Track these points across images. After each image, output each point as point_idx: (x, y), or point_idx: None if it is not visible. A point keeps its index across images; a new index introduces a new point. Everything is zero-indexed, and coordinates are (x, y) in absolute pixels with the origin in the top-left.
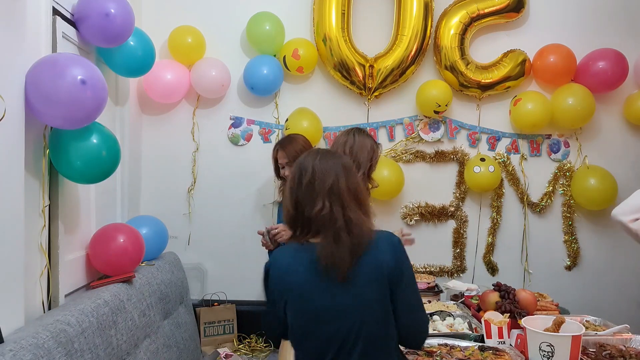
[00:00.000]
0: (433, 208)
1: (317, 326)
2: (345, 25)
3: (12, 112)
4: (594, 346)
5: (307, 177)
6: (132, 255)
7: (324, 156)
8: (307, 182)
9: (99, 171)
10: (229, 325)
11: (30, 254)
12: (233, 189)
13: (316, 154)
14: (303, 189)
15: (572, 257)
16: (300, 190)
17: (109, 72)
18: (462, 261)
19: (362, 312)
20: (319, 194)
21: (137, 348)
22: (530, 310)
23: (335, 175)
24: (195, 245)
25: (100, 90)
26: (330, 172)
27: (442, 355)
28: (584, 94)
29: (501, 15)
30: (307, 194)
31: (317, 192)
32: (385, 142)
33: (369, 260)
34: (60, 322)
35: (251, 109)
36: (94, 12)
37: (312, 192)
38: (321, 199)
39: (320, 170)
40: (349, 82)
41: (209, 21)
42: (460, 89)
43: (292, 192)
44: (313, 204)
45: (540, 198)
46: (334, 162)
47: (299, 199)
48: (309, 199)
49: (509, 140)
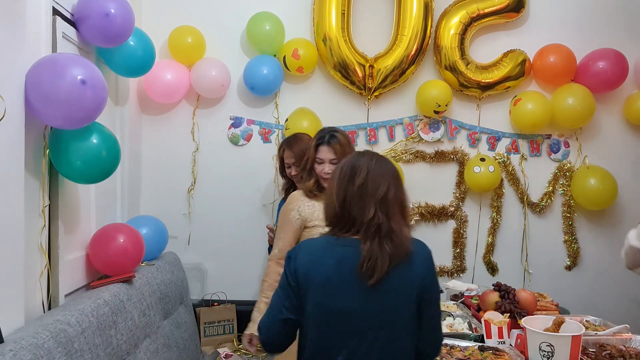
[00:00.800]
0: (433, 208)
1: (338, 322)
2: (345, 25)
3: (12, 112)
4: (594, 346)
5: (361, 179)
6: (132, 255)
7: (379, 160)
8: (360, 184)
9: (99, 171)
10: (229, 325)
11: (30, 254)
12: (233, 189)
13: (372, 156)
14: (355, 190)
15: (572, 257)
16: (351, 190)
17: (109, 72)
18: (462, 261)
19: (385, 320)
20: (371, 199)
21: (137, 348)
22: (530, 310)
23: (388, 183)
24: (195, 245)
25: (100, 90)
26: (384, 178)
27: (442, 355)
28: (584, 94)
29: (501, 15)
30: (358, 196)
31: (369, 197)
32: (385, 142)
33: (402, 271)
34: (60, 322)
35: (251, 109)
36: (94, 12)
37: (364, 195)
38: (372, 205)
39: (375, 175)
40: (349, 82)
41: (209, 21)
42: (460, 89)
43: (341, 190)
44: (363, 208)
45: (540, 198)
46: (388, 168)
47: (347, 199)
48: (359, 202)
49: (509, 140)
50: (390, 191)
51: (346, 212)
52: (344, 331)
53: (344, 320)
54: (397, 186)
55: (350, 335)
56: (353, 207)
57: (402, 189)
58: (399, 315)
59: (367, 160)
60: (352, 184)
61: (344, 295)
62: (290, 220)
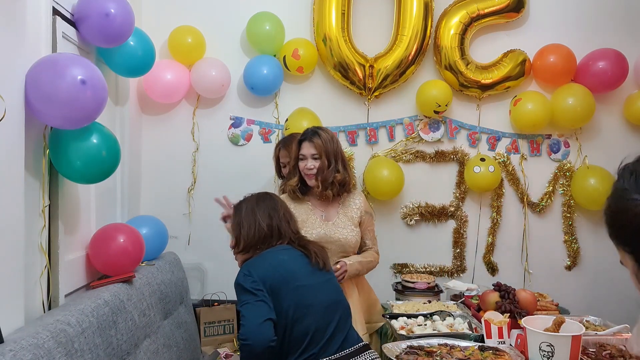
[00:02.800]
0: (433, 208)
1: (315, 297)
2: (345, 25)
3: (12, 112)
4: (594, 346)
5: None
6: (132, 255)
7: (260, 199)
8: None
9: (99, 171)
10: (229, 325)
11: (30, 254)
12: (233, 189)
13: (255, 199)
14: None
15: (572, 257)
16: (275, 216)
17: (109, 72)
18: (462, 261)
19: (336, 283)
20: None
21: (137, 348)
22: (530, 310)
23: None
24: (195, 245)
25: (100, 90)
26: (282, 204)
27: (442, 355)
28: (584, 94)
29: (501, 15)
30: (284, 219)
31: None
32: (385, 142)
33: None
34: (60, 322)
35: (251, 109)
36: (94, 12)
37: (284, 216)
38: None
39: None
40: (349, 82)
41: (209, 21)
42: (460, 89)
43: (264, 219)
44: (287, 225)
45: (540, 198)
46: (271, 201)
47: (273, 223)
48: (284, 221)
49: (509, 140)
50: (282, 212)
51: (275, 231)
52: (323, 300)
53: (319, 292)
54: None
55: (329, 303)
56: (282, 225)
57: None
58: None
59: (250, 205)
60: (273, 210)
61: (309, 276)
62: None
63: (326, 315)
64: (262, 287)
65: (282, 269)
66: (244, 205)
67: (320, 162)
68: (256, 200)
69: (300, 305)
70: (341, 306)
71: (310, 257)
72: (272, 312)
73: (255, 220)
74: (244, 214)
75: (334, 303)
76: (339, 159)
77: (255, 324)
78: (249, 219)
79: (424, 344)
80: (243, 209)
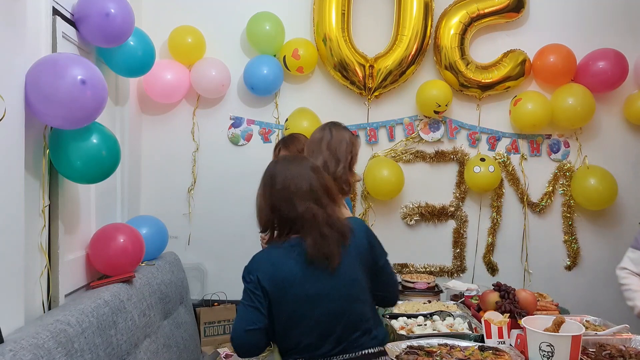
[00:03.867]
0: (433, 208)
1: (311, 311)
2: (345, 25)
3: (12, 112)
4: (594, 346)
5: (280, 183)
6: (132, 255)
7: (293, 162)
8: (281, 188)
9: (99, 171)
10: (229, 325)
11: (30, 254)
12: (233, 189)
13: (285, 160)
14: (279, 194)
15: (572, 257)
16: (276, 195)
17: (109, 72)
18: (462, 261)
19: (350, 292)
20: (296, 196)
21: (137, 348)
22: (530, 310)
23: (309, 178)
24: (195, 245)
25: (100, 90)
26: (302, 176)
27: (442, 355)
28: (584, 94)
29: (501, 15)
30: (285, 198)
31: (294, 195)
32: (385, 142)
33: (350, 247)
34: (60, 322)
35: (251, 109)
36: (94, 12)
37: (289, 195)
38: (301, 200)
39: (293, 176)
40: (349, 82)
41: (209, 21)
42: (460, 89)
43: (266, 198)
44: (292, 205)
45: (540, 198)
46: (303, 165)
47: (275, 203)
48: (286, 202)
49: (509, 140)
50: (313, 183)
51: (277, 215)
52: (321, 313)
53: (317, 303)
54: (318, 177)
55: (327, 315)
56: (282, 208)
57: (323, 176)
58: (358, 282)
59: (282, 165)
60: (273, 189)
61: (312, 284)
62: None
63: (323, 329)
64: (259, 291)
65: (282, 273)
66: (263, 175)
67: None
68: (271, 174)
69: (293, 316)
70: (345, 318)
71: (314, 259)
72: (262, 320)
73: (265, 203)
74: (259, 189)
75: (335, 316)
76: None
77: (241, 329)
78: (259, 200)
79: (424, 344)
80: (261, 182)
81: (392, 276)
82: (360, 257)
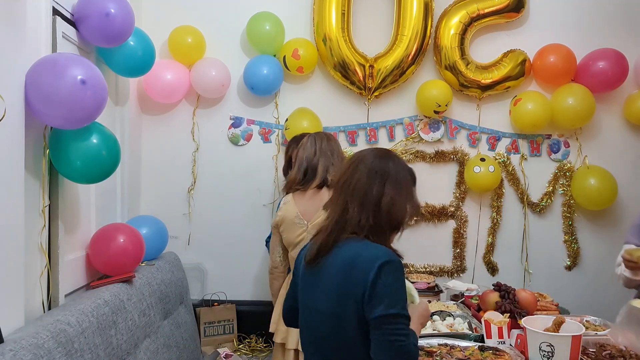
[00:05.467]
0: (433, 208)
1: (304, 318)
2: (345, 25)
3: (12, 112)
4: (594, 346)
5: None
6: (132, 255)
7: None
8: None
9: (99, 171)
10: (229, 325)
11: (30, 254)
12: (233, 189)
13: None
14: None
15: (572, 257)
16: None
17: (109, 72)
18: (462, 261)
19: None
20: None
21: (137, 348)
22: (530, 310)
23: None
24: (195, 245)
25: (100, 90)
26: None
27: (442, 355)
28: (584, 94)
29: (501, 15)
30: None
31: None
32: (385, 142)
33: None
34: (60, 322)
35: (251, 109)
36: (94, 12)
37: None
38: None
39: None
40: (349, 82)
41: (209, 21)
42: (460, 89)
43: (409, 195)
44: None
45: (540, 198)
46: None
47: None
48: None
49: (509, 140)
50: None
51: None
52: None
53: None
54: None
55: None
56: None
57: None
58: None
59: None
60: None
61: (303, 295)
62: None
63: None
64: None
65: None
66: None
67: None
68: (405, 167)
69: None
70: (320, 354)
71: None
72: (293, 299)
73: (408, 201)
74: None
75: (312, 344)
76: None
77: (284, 308)
78: (398, 202)
79: (424, 344)
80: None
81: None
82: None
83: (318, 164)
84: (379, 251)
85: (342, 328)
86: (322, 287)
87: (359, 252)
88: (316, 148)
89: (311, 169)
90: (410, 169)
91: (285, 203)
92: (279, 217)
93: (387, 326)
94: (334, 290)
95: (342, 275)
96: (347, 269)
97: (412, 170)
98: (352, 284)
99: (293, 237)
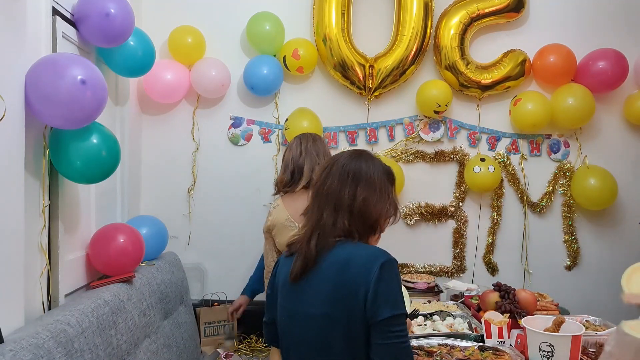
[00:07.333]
0: (433, 208)
1: (288, 328)
2: (345, 25)
3: (12, 112)
4: (594, 346)
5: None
6: (132, 255)
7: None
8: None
9: (99, 171)
10: (229, 325)
11: (30, 254)
12: (233, 189)
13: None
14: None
15: (572, 257)
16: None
17: (109, 72)
18: (462, 261)
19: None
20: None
21: (137, 348)
22: (530, 310)
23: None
24: (195, 245)
25: (100, 90)
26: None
27: (442, 355)
28: (584, 94)
29: (501, 15)
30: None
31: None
32: (385, 142)
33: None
34: (60, 322)
35: (251, 109)
36: (94, 12)
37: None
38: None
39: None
40: (349, 82)
41: (209, 21)
42: (460, 89)
43: (390, 197)
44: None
45: (540, 198)
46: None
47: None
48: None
49: (509, 140)
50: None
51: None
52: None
53: (293, 323)
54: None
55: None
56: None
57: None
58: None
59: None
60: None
61: (288, 310)
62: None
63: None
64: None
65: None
66: (376, 175)
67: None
68: (387, 170)
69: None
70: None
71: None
72: (271, 312)
73: (389, 203)
74: (373, 192)
75: (294, 350)
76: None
77: (265, 321)
78: (377, 205)
79: (424, 344)
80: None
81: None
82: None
83: (304, 165)
84: (375, 250)
85: (332, 330)
86: (313, 290)
87: (353, 252)
88: (302, 149)
89: (297, 169)
90: (387, 168)
91: (275, 207)
92: (270, 222)
93: (393, 328)
94: (328, 292)
95: (337, 277)
96: (343, 270)
97: (389, 169)
98: (350, 283)
99: (286, 240)
